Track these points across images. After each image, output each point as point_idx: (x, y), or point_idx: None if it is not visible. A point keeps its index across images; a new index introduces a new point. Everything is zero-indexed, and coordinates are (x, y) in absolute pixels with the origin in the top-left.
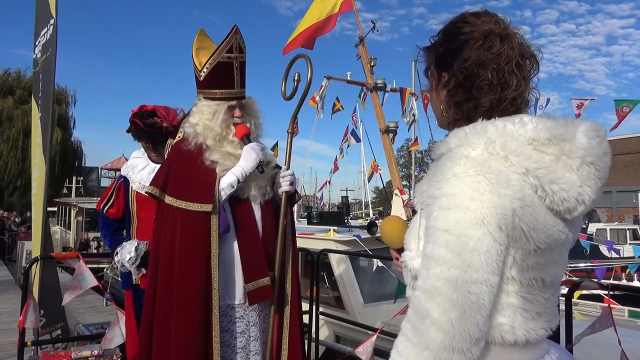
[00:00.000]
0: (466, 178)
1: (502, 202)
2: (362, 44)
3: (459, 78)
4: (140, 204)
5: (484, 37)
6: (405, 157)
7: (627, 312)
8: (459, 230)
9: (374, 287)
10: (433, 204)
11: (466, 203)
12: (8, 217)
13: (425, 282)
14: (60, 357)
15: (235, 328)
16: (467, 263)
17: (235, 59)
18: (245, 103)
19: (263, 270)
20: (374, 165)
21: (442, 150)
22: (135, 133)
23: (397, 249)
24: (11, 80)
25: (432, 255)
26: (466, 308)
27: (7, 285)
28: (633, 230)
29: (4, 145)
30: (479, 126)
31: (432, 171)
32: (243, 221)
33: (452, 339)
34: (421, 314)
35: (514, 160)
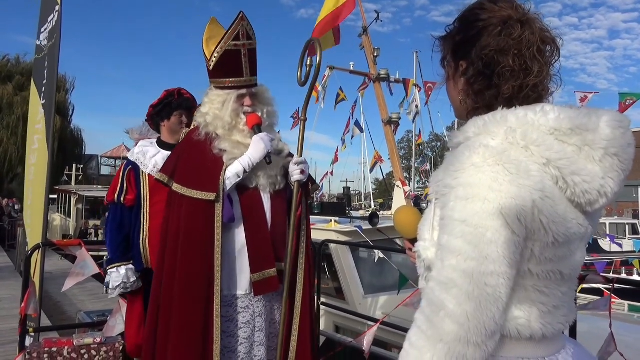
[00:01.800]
0: (485, 168)
1: (522, 193)
2: (365, 34)
3: (478, 66)
4: (154, 187)
5: (503, 23)
6: (406, 148)
7: (627, 306)
8: (476, 221)
9: (374, 278)
10: (449, 194)
11: (484, 193)
12: (7, 204)
13: (440, 274)
14: (63, 344)
15: (240, 318)
16: (483, 255)
17: (243, 47)
18: (257, 91)
19: (270, 261)
20: (377, 156)
21: (459, 139)
22: (178, 102)
23: (410, 239)
24: (10, 66)
25: (447, 246)
26: (482, 301)
27: (7, 271)
28: (632, 225)
29: (4, 132)
30: (499, 115)
31: (449, 160)
32: (251, 211)
33: (467, 331)
34: (436, 305)
35: (535, 151)
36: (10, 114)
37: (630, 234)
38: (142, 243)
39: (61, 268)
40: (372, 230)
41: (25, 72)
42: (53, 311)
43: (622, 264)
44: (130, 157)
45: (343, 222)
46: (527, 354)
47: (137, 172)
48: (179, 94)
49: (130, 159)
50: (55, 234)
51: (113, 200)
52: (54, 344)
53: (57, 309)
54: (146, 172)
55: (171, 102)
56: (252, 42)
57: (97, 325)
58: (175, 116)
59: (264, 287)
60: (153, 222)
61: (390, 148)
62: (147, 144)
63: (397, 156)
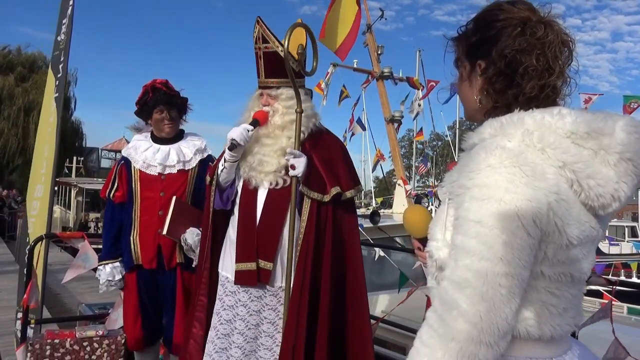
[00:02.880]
0: (501, 169)
1: (538, 195)
2: (369, 31)
3: (499, 65)
4: (145, 182)
5: (523, 23)
6: (407, 147)
7: (626, 309)
8: (492, 222)
9: (374, 277)
10: (464, 195)
11: (500, 195)
12: (8, 195)
13: (454, 273)
14: (65, 336)
15: (226, 300)
16: (498, 256)
17: (259, 50)
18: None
19: (250, 255)
20: (379, 154)
21: (474, 140)
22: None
23: (419, 239)
24: (11, 57)
25: (462, 246)
26: (496, 301)
27: (7, 263)
28: (631, 228)
29: (5, 123)
30: (516, 117)
31: (464, 161)
32: (244, 203)
33: (480, 331)
34: (449, 304)
35: (551, 154)
36: (11, 105)
37: (629, 236)
38: (133, 239)
39: (61, 260)
40: (373, 229)
41: (27, 63)
42: (53, 303)
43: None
44: (124, 152)
45: None
46: (535, 354)
47: (129, 167)
48: (152, 89)
49: (123, 154)
50: (55, 226)
51: (105, 196)
52: (57, 335)
53: (56, 301)
54: (136, 167)
55: (147, 101)
56: (267, 46)
57: (99, 317)
58: (156, 113)
59: (242, 278)
60: (144, 218)
61: (392, 146)
62: (141, 138)
63: (398, 154)
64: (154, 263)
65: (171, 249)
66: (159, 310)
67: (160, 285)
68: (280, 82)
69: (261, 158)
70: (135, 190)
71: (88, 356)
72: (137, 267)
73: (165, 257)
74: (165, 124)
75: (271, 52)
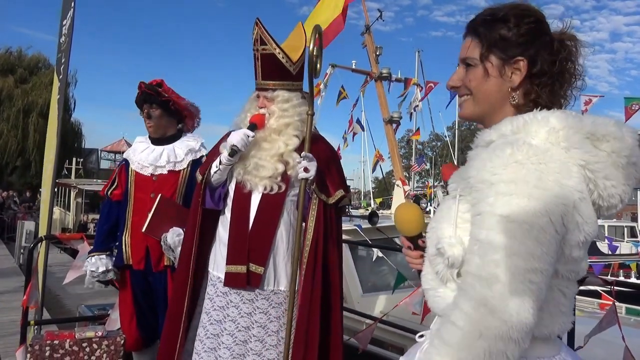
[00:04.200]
0: (529, 165)
1: (565, 192)
2: (368, 32)
3: (545, 64)
4: (138, 183)
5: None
6: (406, 147)
7: (624, 309)
8: (522, 217)
9: (373, 277)
10: (487, 190)
11: (529, 190)
12: (8, 197)
13: (481, 269)
14: (65, 337)
15: (217, 301)
16: (529, 251)
17: (257, 51)
18: (271, 96)
19: (242, 258)
20: (378, 155)
21: (492, 137)
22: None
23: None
24: (12, 59)
25: (489, 242)
26: (525, 297)
27: (7, 264)
28: (631, 228)
29: (4, 125)
30: (540, 115)
31: (483, 156)
32: (236, 206)
33: (510, 328)
34: (477, 301)
35: (575, 153)
36: (11, 107)
37: (628, 236)
38: (124, 239)
39: (60, 261)
40: (372, 229)
41: (28, 65)
42: (52, 304)
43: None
44: (125, 153)
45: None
46: (543, 354)
47: (127, 168)
48: (140, 88)
49: (124, 155)
50: (55, 227)
51: (105, 193)
52: (56, 336)
53: (56, 302)
54: (133, 168)
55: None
56: (265, 48)
57: (98, 318)
58: (141, 114)
59: (232, 280)
60: (135, 218)
61: (391, 147)
62: (142, 140)
63: (397, 155)
64: (142, 264)
65: (159, 250)
66: (155, 311)
67: (153, 286)
68: (276, 85)
69: (257, 162)
70: (130, 191)
71: (87, 357)
72: (129, 268)
73: (153, 259)
74: (147, 124)
75: (269, 54)
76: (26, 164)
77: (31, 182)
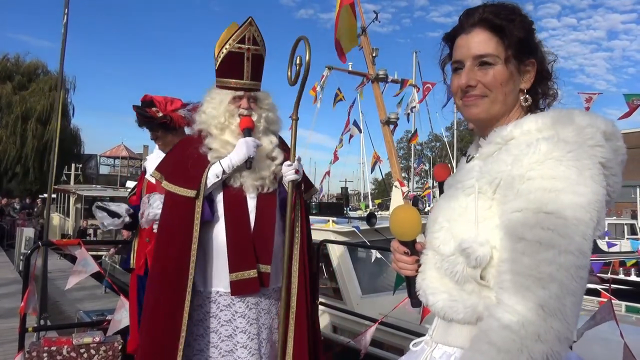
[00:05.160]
0: (567, 162)
1: (599, 189)
2: (364, 34)
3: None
4: (150, 190)
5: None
6: (405, 149)
7: (624, 307)
8: (569, 213)
9: (372, 279)
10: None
11: (573, 186)
12: (7, 204)
13: (533, 269)
14: (62, 343)
15: (222, 316)
16: (579, 248)
17: (248, 51)
18: (257, 96)
19: (249, 262)
20: (375, 156)
21: (513, 134)
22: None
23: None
24: (10, 65)
25: (537, 239)
26: (579, 295)
27: (7, 271)
28: (631, 225)
29: (3, 131)
30: (564, 113)
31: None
32: (233, 211)
33: (567, 328)
34: (534, 302)
35: (599, 151)
36: (9, 113)
37: (628, 234)
38: (133, 244)
39: (60, 267)
40: (370, 231)
41: (26, 72)
42: (51, 310)
43: (621, 264)
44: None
45: (341, 222)
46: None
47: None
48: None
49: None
50: (54, 233)
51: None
52: (53, 343)
53: (55, 308)
54: (147, 177)
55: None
56: (258, 48)
57: (97, 324)
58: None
59: (242, 287)
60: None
61: (389, 148)
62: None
63: (395, 156)
64: (142, 270)
65: None
66: None
67: None
68: (258, 85)
69: (254, 164)
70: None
71: None
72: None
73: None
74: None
75: (258, 55)
76: (25, 170)
77: (30, 189)
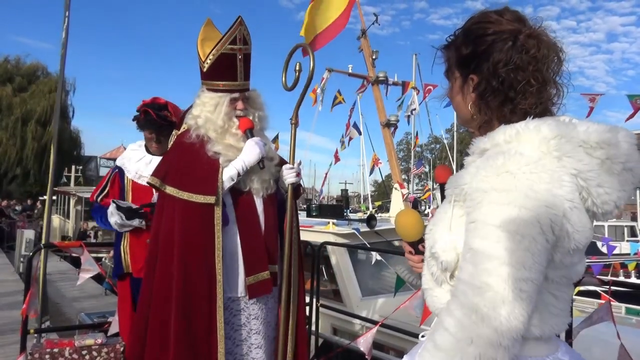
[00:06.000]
0: (520, 175)
1: (556, 202)
2: (364, 36)
3: (493, 82)
4: (136, 192)
5: (514, 37)
6: (405, 151)
7: (624, 309)
8: (513, 227)
9: (372, 281)
10: (481, 198)
11: (521, 200)
12: (7, 206)
13: (474, 278)
14: (64, 345)
15: (236, 321)
16: (520, 261)
17: (239, 51)
18: (249, 95)
19: (264, 264)
20: (374, 159)
21: (486, 145)
22: (144, 122)
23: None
24: (10, 67)
25: (482, 250)
26: (516, 305)
27: (7, 273)
28: (631, 227)
29: (3, 133)
30: (532, 124)
31: (479, 165)
32: (245, 214)
33: (500, 335)
34: (468, 308)
35: (567, 162)
36: (9, 115)
37: (629, 236)
38: (123, 248)
39: (60, 269)
40: (370, 232)
41: (26, 73)
42: (52, 312)
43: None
44: (118, 161)
45: (341, 224)
46: (535, 353)
47: (122, 176)
48: (145, 113)
49: (117, 163)
50: (54, 235)
51: (94, 199)
52: (55, 344)
53: (55, 310)
54: (129, 177)
55: (138, 120)
56: (247, 47)
57: (98, 326)
58: (145, 132)
59: (258, 290)
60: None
61: (389, 151)
62: (135, 148)
63: (395, 159)
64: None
65: None
66: None
67: None
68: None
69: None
70: (127, 200)
71: None
72: (128, 276)
73: None
74: (152, 145)
75: (248, 55)
76: (25, 172)
77: (30, 191)
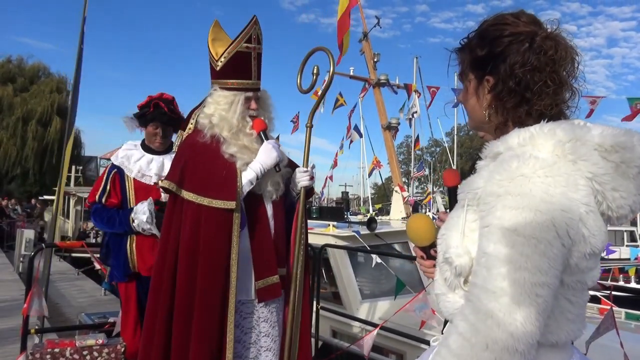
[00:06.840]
0: (535, 179)
1: (572, 206)
2: (365, 39)
3: (510, 83)
4: (139, 191)
5: (531, 39)
6: (405, 154)
7: (623, 314)
8: (529, 231)
9: (371, 283)
10: (495, 202)
11: (536, 204)
12: (7, 205)
13: (488, 282)
14: (65, 345)
15: (246, 324)
16: (535, 266)
17: (254, 50)
18: (261, 96)
19: (273, 268)
20: (375, 161)
21: (499, 149)
22: (154, 115)
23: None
24: (13, 67)
25: (496, 255)
26: (532, 310)
27: (7, 272)
28: (630, 232)
29: (4, 133)
30: (547, 128)
31: (492, 169)
32: (256, 218)
33: (516, 340)
34: (483, 313)
35: (582, 165)
36: (10, 115)
37: (628, 241)
38: (129, 247)
39: (60, 269)
40: (370, 235)
41: (28, 74)
42: (52, 312)
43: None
44: (114, 161)
45: (341, 226)
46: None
47: (122, 176)
48: (155, 106)
49: (114, 162)
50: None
51: (94, 200)
52: (57, 345)
53: (55, 310)
54: (131, 177)
55: (145, 113)
56: (260, 47)
57: (99, 326)
58: (150, 126)
59: (268, 293)
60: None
61: (390, 154)
62: (131, 147)
63: (396, 161)
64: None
65: None
66: None
67: None
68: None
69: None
70: (130, 199)
71: None
72: (135, 276)
73: None
74: (156, 140)
75: (261, 54)
76: (25, 172)
77: (30, 191)
